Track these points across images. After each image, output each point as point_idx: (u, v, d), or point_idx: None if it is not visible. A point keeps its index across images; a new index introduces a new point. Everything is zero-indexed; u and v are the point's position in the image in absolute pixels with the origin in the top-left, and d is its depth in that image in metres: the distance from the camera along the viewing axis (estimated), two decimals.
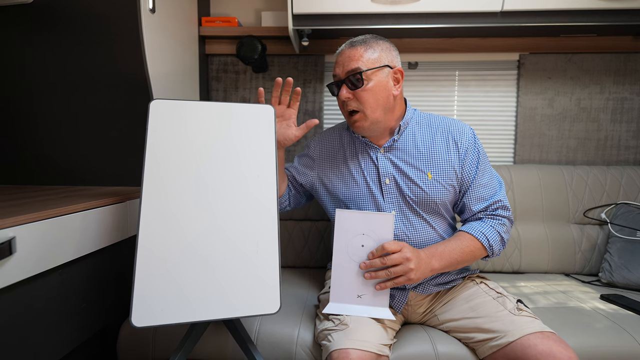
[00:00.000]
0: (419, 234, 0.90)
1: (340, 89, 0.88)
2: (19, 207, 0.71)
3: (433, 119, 0.96)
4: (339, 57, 0.91)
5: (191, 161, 0.77)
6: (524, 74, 1.45)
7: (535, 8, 1.15)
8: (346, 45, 0.90)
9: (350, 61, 0.87)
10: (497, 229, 0.88)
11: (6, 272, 0.61)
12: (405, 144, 0.93)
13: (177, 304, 0.71)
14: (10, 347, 0.64)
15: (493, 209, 0.90)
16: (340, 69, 0.89)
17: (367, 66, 0.86)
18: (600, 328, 0.89)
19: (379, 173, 0.92)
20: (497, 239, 0.88)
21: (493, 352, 0.76)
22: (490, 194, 0.91)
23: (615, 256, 1.20)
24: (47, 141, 1.11)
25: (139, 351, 0.91)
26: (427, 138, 0.93)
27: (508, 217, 0.91)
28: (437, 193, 0.89)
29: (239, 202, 0.78)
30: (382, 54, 0.88)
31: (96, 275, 0.85)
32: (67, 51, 1.05)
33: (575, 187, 1.33)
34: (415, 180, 0.90)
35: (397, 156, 0.92)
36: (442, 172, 0.90)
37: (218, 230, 0.76)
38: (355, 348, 0.72)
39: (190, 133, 0.78)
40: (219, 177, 0.78)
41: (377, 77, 0.87)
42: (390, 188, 0.91)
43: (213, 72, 1.52)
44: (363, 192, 0.94)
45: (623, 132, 1.45)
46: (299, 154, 1.08)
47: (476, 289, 0.89)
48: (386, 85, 0.88)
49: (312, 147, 1.04)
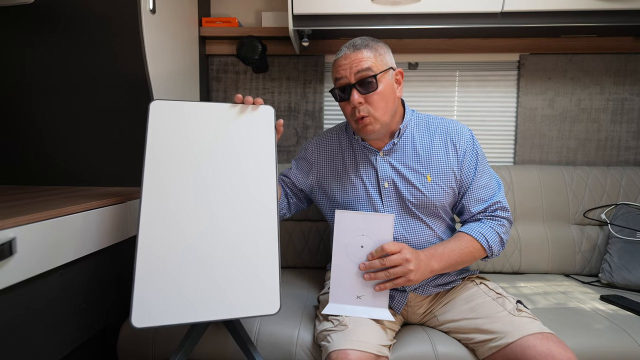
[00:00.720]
0: (417, 237, 0.90)
1: (351, 94, 0.85)
2: (19, 208, 0.71)
3: (431, 121, 0.95)
4: (342, 60, 0.86)
5: (191, 161, 0.77)
6: (524, 75, 1.45)
7: (536, 9, 1.15)
8: (348, 48, 0.87)
9: (360, 64, 0.84)
10: (496, 230, 0.88)
11: (7, 272, 0.61)
12: (405, 147, 0.92)
13: (177, 305, 0.71)
14: (11, 348, 0.64)
15: (492, 210, 0.90)
16: (347, 72, 0.85)
17: (377, 69, 0.84)
18: (600, 329, 0.89)
19: (378, 176, 0.92)
20: (497, 239, 0.88)
21: (492, 353, 0.76)
22: (489, 195, 0.91)
23: (615, 257, 1.20)
24: (47, 142, 1.11)
25: (139, 352, 0.91)
26: (426, 140, 0.92)
27: (507, 218, 0.91)
28: (437, 196, 0.89)
29: (239, 202, 0.78)
30: (386, 56, 0.88)
31: (96, 276, 0.86)
32: (68, 51, 1.05)
33: (575, 187, 1.33)
34: (414, 183, 0.90)
35: (396, 159, 0.92)
36: (441, 174, 0.90)
37: (218, 230, 0.76)
38: (354, 349, 0.72)
39: (191, 133, 0.78)
40: (219, 178, 0.78)
41: (386, 79, 0.86)
42: (389, 192, 0.91)
43: (213, 73, 1.53)
44: (361, 195, 0.93)
45: (623, 133, 1.45)
46: (296, 158, 1.06)
47: (476, 290, 0.90)
48: (392, 88, 0.88)
49: (309, 150, 1.03)
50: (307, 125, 1.52)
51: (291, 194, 1.04)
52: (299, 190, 1.04)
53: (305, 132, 1.52)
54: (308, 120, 1.52)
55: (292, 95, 1.52)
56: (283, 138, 1.53)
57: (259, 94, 1.53)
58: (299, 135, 1.53)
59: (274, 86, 1.52)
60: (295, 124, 1.52)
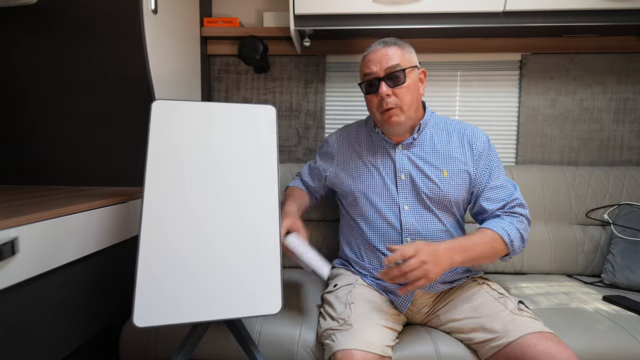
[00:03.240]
0: (427, 228, 0.92)
1: (380, 86, 0.89)
2: (22, 208, 0.71)
3: (449, 122, 1.00)
4: (372, 55, 0.92)
5: (193, 161, 0.77)
6: (527, 74, 1.45)
7: (538, 8, 1.14)
8: (379, 44, 0.92)
9: (390, 59, 0.89)
10: (517, 226, 0.88)
11: (9, 271, 0.61)
12: (423, 142, 0.96)
13: (178, 304, 0.71)
14: (13, 347, 0.65)
15: (511, 207, 0.91)
16: (377, 67, 0.90)
17: (406, 64, 0.90)
18: (602, 329, 0.89)
19: (395, 168, 0.95)
20: (517, 235, 0.87)
21: (494, 352, 0.76)
22: (506, 195, 0.92)
23: (618, 257, 1.19)
24: (49, 142, 1.12)
25: (141, 351, 0.92)
26: (444, 138, 0.96)
27: (526, 215, 0.91)
28: (452, 190, 0.92)
29: (240, 202, 0.78)
30: (413, 55, 0.94)
31: (98, 276, 0.86)
32: (70, 52, 1.05)
33: (577, 187, 1.32)
34: (431, 177, 0.93)
35: (414, 153, 0.95)
36: (457, 171, 0.93)
37: (220, 230, 0.76)
38: (358, 349, 0.72)
39: (192, 133, 0.78)
40: (221, 177, 0.78)
41: (413, 75, 0.91)
42: (405, 183, 0.94)
43: (215, 73, 1.53)
44: (378, 186, 0.96)
45: (626, 133, 1.44)
46: (319, 152, 1.12)
47: (478, 289, 0.90)
48: (418, 84, 0.94)
49: (331, 143, 1.08)
50: (308, 125, 1.52)
51: (316, 192, 1.14)
52: (322, 185, 1.11)
53: (306, 132, 1.52)
54: (309, 120, 1.52)
55: (294, 95, 1.52)
56: (284, 138, 1.53)
57: (260, 94, 1.53)
58: (300, 135, 1.53)
59: (275, 86, 1.52)
60: (296, 124, 1.52)
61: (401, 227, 0.92)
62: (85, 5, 1.01)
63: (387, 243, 0.93)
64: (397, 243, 0.93)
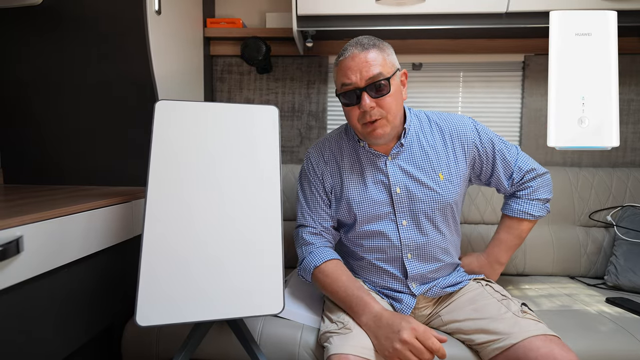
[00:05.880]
0: (427, 240, 0.89)
1: (361, 98, 0.80)
2: (26, 207, 0.72)
3: (432, 116, 0.95)
4: (349, 61, 0.81)
5: (196, 161, 0.78)
6: (529, 75, 1.44)
7: (541, 9, 1.14)
8: (356, 48, 0.81)
9: (370, 67, 0.79)
10: (532, 198, 0.94)
11: (13, 270, 0.62)
12: (412, 147, 0.91)
13: (181, 304, 0.71)
14: (16, 345, 0.65)
15: (521, 181, 0.95)
16: (356, 76, 0.80)
17: (388, 71, 0.81)
18: (605, 331, 0.89)
19: (389, 182, 0.89)
20: (538, 205, 0.94)
21: (496, 354, 0.76)
22: (513, 170, 0.94)
23: (621, 259, 1.19)
24: (53, 142, 1.12)
25: (143, 350, 0.92)
26: (430, 137, 0.92)
27: (537, 176, 0.95)
28: (450, 193, 0.89)
29: (243, 202, 0.78)
30: (393, 56, 0.85)
31: (101, 275, 0.86)
32: (73, 52, 1.06)
33: (580, 189, 1.32)
34: (427, 183, 0.88)
35: (405, 161, 0.90)
36: (452, 170, 0.90)
37: (222, 230, 0.76)
38: (353, 354, 0.71)
39: (195, 134, 0.79)
40: (224, 177, 0.78)
41: (395, 81, 0.83)
42: (401, 197, 0.89)
43: (218, 73, 1.53)
44: (373, 204, 0.89)
45: (629, 134, 1.44)
46: (304, 179, 0.98)
47: (481, 291, 0.89)
48: (401, 89, 0.86)
49: (313, 161, 0.97)
50: (310, 125, 1.52)
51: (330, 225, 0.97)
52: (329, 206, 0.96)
53: (308, 133, 1.52)
54: (312, 121, 1.52)
55: (296, 96, 1.52)
56: (286, 138, 1.54)
57: (263, 95, 1.53)
58: (303, 135, 1.53)
59: (277, 87, 1.53)
60: (298, 124, 1.53)
61: (401, 244, 0.88)
62: (90, 6, 1.02)
63: (387, 262, 0.90)
64: (397, 261, 0.90)
